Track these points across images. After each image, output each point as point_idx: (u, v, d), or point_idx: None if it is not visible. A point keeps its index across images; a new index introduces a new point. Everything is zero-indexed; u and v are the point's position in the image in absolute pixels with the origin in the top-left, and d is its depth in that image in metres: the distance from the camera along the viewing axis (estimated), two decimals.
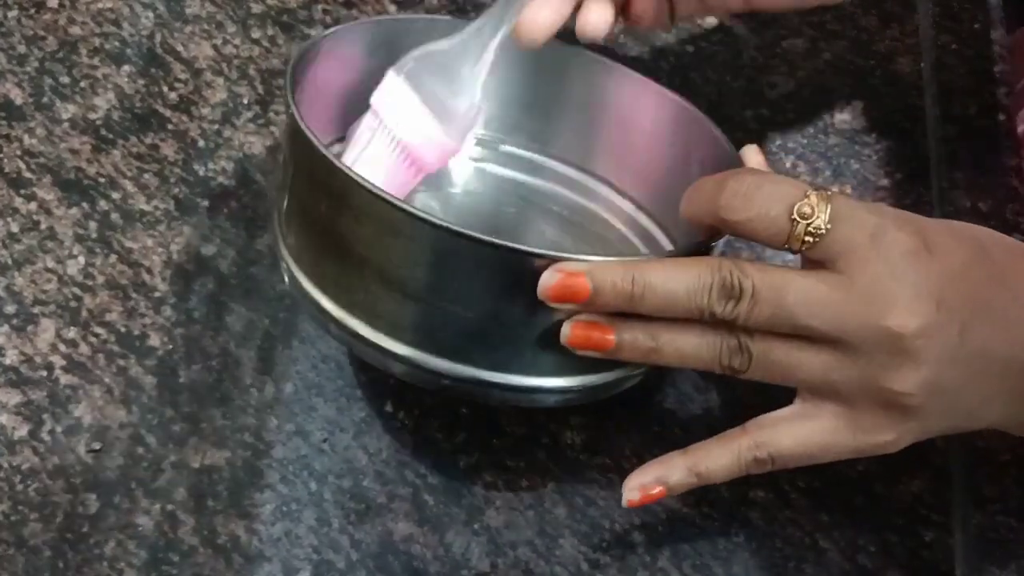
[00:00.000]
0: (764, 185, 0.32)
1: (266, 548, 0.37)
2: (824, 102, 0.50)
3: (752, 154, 0.38)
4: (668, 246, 0.42)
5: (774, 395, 0.34)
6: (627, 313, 0.33)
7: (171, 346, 0.41)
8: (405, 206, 0.31)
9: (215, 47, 0.50)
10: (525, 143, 0.45)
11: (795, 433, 0.34)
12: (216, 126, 0.47)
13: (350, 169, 0.32)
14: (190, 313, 0.42)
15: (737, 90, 0.50)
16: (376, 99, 0.39)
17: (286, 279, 0.37)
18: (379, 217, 0.31)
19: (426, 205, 0.42)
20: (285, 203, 0.36)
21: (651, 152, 0.43)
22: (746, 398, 0.37)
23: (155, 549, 0.37)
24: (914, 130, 0.49)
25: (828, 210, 0.32)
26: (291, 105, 0.34)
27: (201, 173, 0.46)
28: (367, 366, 0.41)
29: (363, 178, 0.32)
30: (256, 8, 0.51)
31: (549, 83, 0.44)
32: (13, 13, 0.50)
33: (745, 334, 0.32)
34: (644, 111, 0.43)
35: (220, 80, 0.49)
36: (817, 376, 0.33)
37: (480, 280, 0.32)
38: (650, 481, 0.34)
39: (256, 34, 0.50)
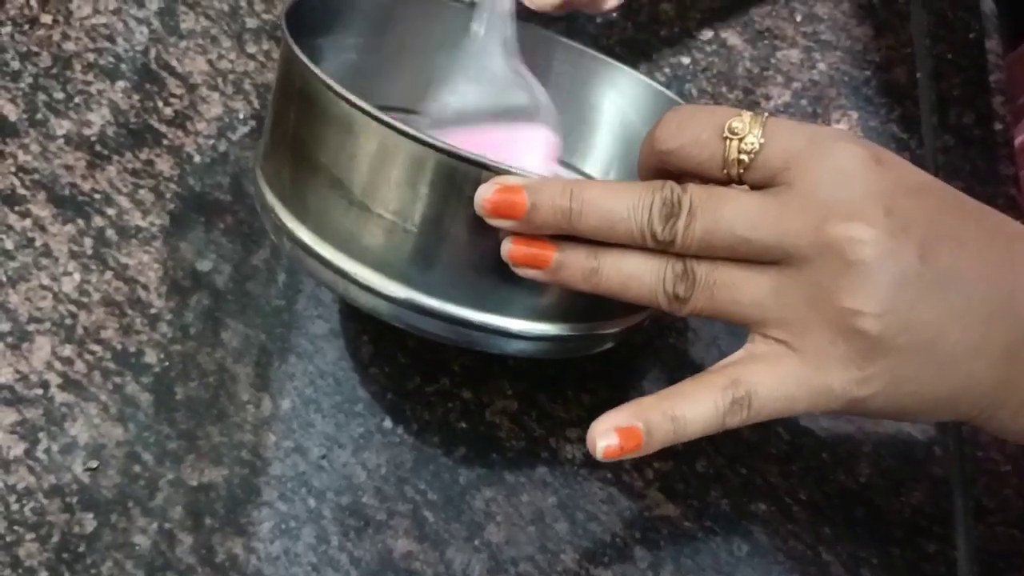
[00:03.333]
0: (698, 112, 0.31)
1: (264, 566, 0.37)
2: (820, 113, 0.50)
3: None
4: None
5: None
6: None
7: (167, 363, 0.41)
8: (356, 100, 0.30)
9: (210, 62, 0.49)
10: None
11: (766, 371, 0.31)
12: (211, 141, 0.47)
13: (315, 67, 0.31)
14: (186, 329, 0.42)
15: (733, 102, 0.50)
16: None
17: (256, 200, 0.36)
18: (329, 111, 0.31)
19: None
20: (268, 121, 0.35)
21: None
22: None
23: (152, 568, 0.36)
24: (911, 140, 0.49)
25: (761, 128, 0.30)
26: (282, 21, 0.33)
27: (197, 188, 0.46)
28: (366, 382, 0.41)
29: (324, 75, 0.31)
30: (251, 23, 0.51)
31: (541, 76, 0.44)
32: (7, 29, 0.49)
33: (690, 259, 0.31)
34: (636, 109, 0.43)
35: (215, 95, 0.48)
36: (764, 298, 0.30)
37: (417, 186, 0.31)
38: (626, 422, 0.30)
39: (251, 49, 0.50)
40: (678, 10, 0.53)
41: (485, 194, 0.30)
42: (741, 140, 0.30)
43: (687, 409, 0.31)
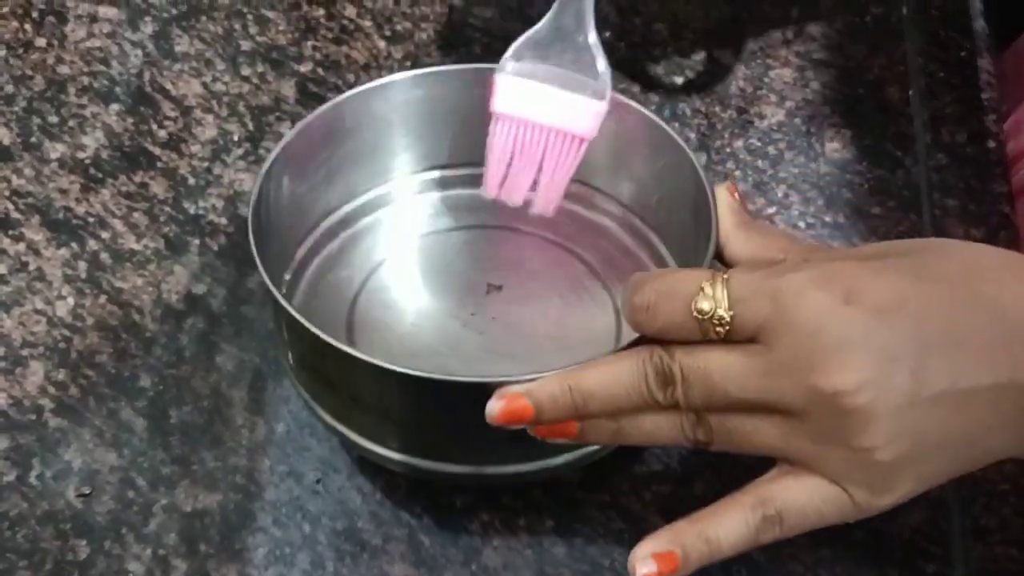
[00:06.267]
0: (662, 292, 0.32)
1: None
2: (814, 131, 0.50)
3: (724, 196, 0.38)
4: (664, 250, 0.43)
5: None
6: None
7: (162, 387, 0.41)
8: (352, 352, 0.34)
9: (204, 84, 0.50)
10: None
11: (795, 489, 0.32)
12: (206, 164, 0.47)
13: (310, 324, 0.34)
14: (181, 353, 0.42)
15: (726, 120, 0.50)
16: (499, 105, 0.40)
17: (295, 395, 0.40)
18: (328, 354, 0.35)
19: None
20: (289, 354, 0.38)
21: (636, 168, 0.43)
22: None
23: None
24: (904, 158, 0.49)
25: (725, 296, 0.31)
26: (265, 279, 0.36)
27: (191, 211, 0.46)
28: None
29: (330, 338, 0.34)
30: (245, 45, 0.51)
31: None
32: (1, 53, 0.49)
33: (702, 411, 0.32)
34: (626, 131, 0.43)
35: (210, 117, 0.48)
36: (777, 443, 0.32)
37: (412, 406, 0.36)
38: (663, 548, 0.32)
39: (246, 71, 0.50)
40: (671, 30, 0.54)
41: (494, 411, 0.33)
42: (712, 317, 0.31)
43: (720, 530, 0.32)
